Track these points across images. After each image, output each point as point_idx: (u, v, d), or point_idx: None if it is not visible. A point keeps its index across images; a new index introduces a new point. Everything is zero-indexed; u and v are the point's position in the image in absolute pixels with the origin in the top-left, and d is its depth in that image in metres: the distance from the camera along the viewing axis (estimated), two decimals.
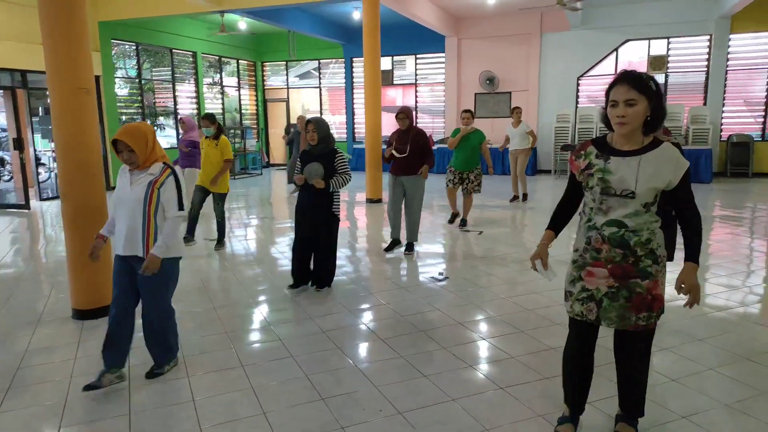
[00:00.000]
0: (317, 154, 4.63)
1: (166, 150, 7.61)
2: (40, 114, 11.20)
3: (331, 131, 4.77)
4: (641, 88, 2.17)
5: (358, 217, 8.90)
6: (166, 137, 14.03)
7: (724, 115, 12.64)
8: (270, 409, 2.91)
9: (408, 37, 14.36)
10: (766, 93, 12.35)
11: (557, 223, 2.56)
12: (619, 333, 2.43)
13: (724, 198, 9.92)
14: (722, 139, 12.54)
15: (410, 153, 5.85)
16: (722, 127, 12.65)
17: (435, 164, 7.09)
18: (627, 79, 2.20)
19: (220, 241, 6.59)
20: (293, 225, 4.89)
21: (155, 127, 13.81)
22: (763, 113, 12.46)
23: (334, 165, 4.63)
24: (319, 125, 4.59)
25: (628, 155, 2.24)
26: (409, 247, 6.15)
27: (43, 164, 11.60)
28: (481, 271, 5.47)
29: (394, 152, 5.94)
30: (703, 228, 2.30)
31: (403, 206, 6.14)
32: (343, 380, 3.23)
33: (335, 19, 14.30)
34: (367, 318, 4.25)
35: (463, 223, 7.46)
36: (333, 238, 4.81)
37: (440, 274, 5.31)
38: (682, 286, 2.22)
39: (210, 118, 6.55)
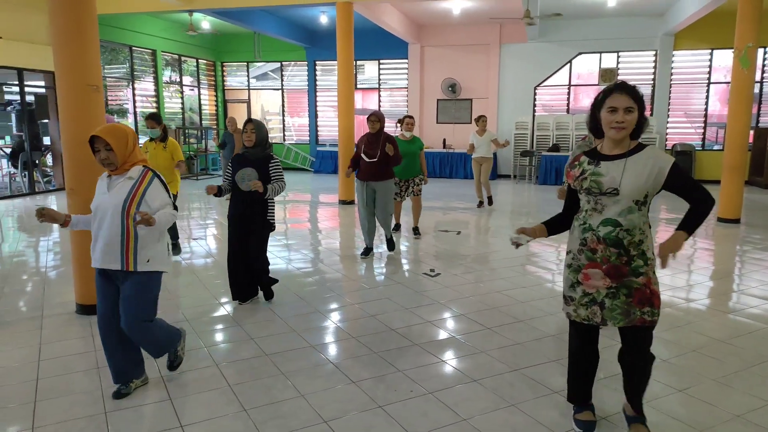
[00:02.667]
0: (252, 159, 4.29)
1: None
2: None
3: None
4: (637, 98, 2.38)
5: (333, 219, 9.06)
6: None
7: (668, 125, 13.60)
8: (307, 391, 3.08)
9: (371, 43, 14.62)
10: (704, 106, 13.38)
11: (552, 226, 2.69)
12: (625, 334, 2.55)
13: (670, 203, 10.70)
14: (667, 148, 13.49)
15: (380, 158, 5.82)
16: (667, 136, 13.61)
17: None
18: (626, 88, 2.39)
19: (176, 246, 6.32)
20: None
21: None
22: (702, 125, 13.50)
23: (268, 171, 4.28)
24: (259, 127, 4.27)
25: (616, 158, 2.44)
26: (391, 245, 6.24)
27: None
28: (467, 269, 5.78)
29: (363, 156, 5.90)
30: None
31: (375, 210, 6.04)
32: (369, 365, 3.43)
33: (300, 22, 14.40)
34: (338, 318, 4.46)
35: (416, 232, 7.22)
36: (263, 248, 4.47)
37: (431, 270, 5.58)
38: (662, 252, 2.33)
39: (155, 118, 5.98)
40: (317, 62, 16.02)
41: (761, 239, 7.24)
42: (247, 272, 4.49)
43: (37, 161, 11.56)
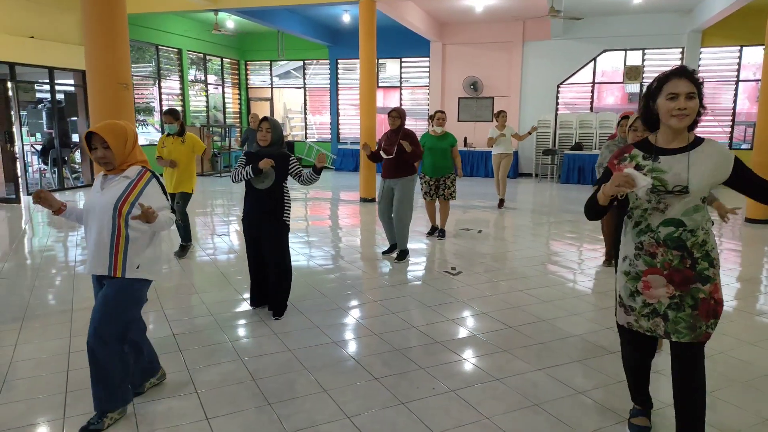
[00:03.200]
0: (267, 157, 4.06)
1: (147, 146, 7.42)
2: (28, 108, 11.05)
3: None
4: (698, 84, 2.20)
5: (353, 216, 9.10)
6: (145, 134, 13.87)
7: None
8: (330, 386, 3.12)
9: (393, 41, 14.62)
10: (733, 105, 13.10)
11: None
12: (678, 348, 2.34)
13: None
14: None
15: (397, 155, 5.71)
16: (700, 135, 13.32)
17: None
18: (686, 73, 2.21)
19: (184, 248, 6.09)
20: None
21: (136, 124, 13.67)
22: (730, 123, 13.23)
23: (287, 170, 4.13)
24: (275, 127, 4.13)
25: (677, 152, 2.24)
26: (401, 255, 5.91)
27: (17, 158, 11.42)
28: (488, 268, 5.76)
29: (381, 153, 5.86)
30: None
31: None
32: (390, 362, 3.45)
33: (323, 21, 14.47)
34: (359, 314, 4.48)
35: (442, 234, 7.04)
36: (284, 250, 4.22)
37: (453, 269, 5.58)
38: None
39: (173, 114, 5.83)
40: (339, 61, 16.09)
41: None
42: (264, 278, 4.29)
43: (66, 158, 11.82)
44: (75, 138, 12.22)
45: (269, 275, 4.22)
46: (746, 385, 3.17)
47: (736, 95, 13.06)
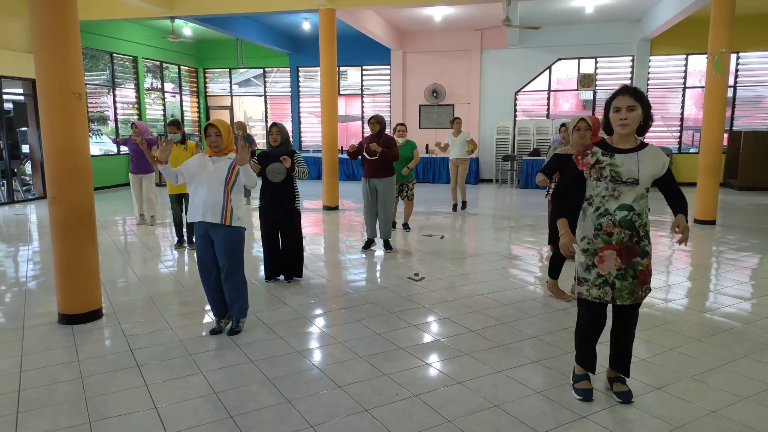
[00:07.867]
0: (278, 155, 5.08)
1: (102, 156, 7.64)
2: None
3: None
4: (638, 97, 2.76)
5: (317, 225, 9.07)
6: (99, 144, 13.47)
7: None
8: (293, 396, 3.11)
9: (354, 49, 14.68)
10: (680, 110, 13.66)
11: (567, 211, 3.02)
12: (623, 310, 2.96)
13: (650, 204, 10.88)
14: None
15: (380, 157, 6.35)
16: (645, 140, 13.79)
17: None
18: (628, 90, 2.79)
19: (182, 239, 7.04)
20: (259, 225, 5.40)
21: (90, 133, 13.27)
22: (679, 129, 13.78)
23: (293, 162, 5.11)
24: (282, 129, 5.19)
25: (628, 152, 2.83)
26: (387, 245, 6.72)
27: None
28: (451, 273, 5.84)
29: (365, 154, 6.42)
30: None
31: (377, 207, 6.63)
32: (352, 369, 3.46)
33: (283, 29, 14.42)
34: (323, 323, 4.49)
35: (406, 227, 8.09)
36: (298, 230, 5.32)
37: (416, 275, 5.63)
38: (677, 228, 2.80)
39: (176, 124, 7.00)
40: (300, 68, 16.05)
41: (736, 240, 7.41)
42: (277, 255, 5.35)
43: (15, 170, 11.40)
44: (25, 149, 11.79)
45: (287, 249, 5.30)
46: (693, 380, 3.31)
47: (683, 101, 13.62)
